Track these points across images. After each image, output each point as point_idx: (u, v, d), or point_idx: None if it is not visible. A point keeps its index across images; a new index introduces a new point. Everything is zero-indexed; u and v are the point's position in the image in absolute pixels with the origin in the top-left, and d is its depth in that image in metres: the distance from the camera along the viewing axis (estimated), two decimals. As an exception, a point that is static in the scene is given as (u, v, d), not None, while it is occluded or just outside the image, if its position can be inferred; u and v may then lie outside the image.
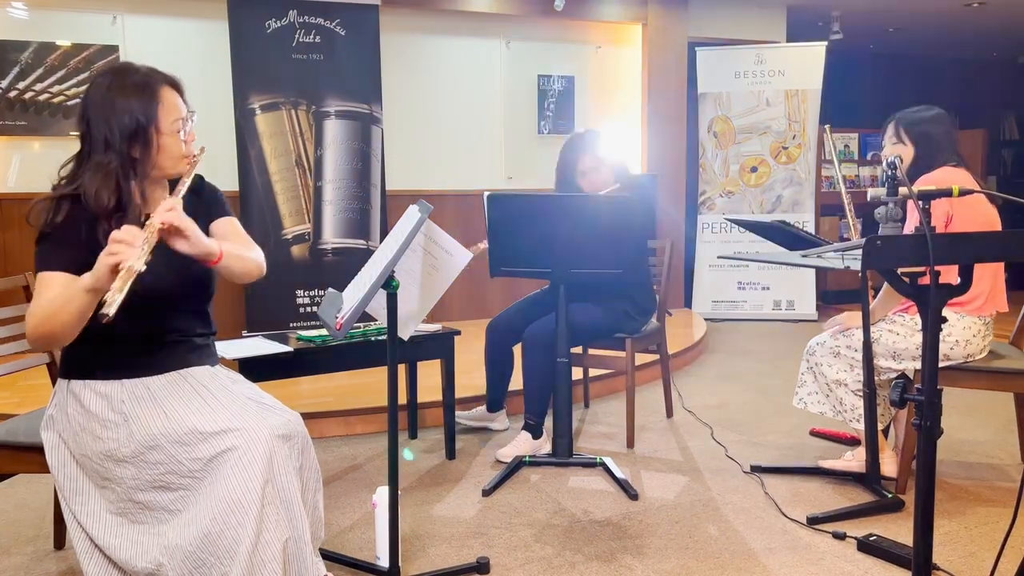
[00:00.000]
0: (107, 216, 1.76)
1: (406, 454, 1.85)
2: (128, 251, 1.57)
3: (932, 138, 2.72)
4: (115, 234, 1.60)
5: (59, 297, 1.67)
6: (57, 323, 1.67)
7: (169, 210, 1.67)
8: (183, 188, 1.81)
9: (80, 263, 1.71)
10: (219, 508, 1.64)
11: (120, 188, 1.76)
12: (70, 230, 1.75)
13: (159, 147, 1.81)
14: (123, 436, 1.73)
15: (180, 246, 1.70)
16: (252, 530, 1.63)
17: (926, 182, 2.64)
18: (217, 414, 1.76)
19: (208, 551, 1.64)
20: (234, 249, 1.85)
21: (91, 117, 1.79)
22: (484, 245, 3.08)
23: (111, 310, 1.51)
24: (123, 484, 1.72)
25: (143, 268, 1.57)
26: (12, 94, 4.73)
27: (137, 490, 1.71)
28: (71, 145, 1.86)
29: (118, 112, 1.76)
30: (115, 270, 1.57)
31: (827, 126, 3.13)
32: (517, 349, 3.29)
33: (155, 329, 1.86)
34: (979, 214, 2.65)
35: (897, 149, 2.76)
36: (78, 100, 4.77)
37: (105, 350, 1.82)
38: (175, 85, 1.87)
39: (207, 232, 1.93)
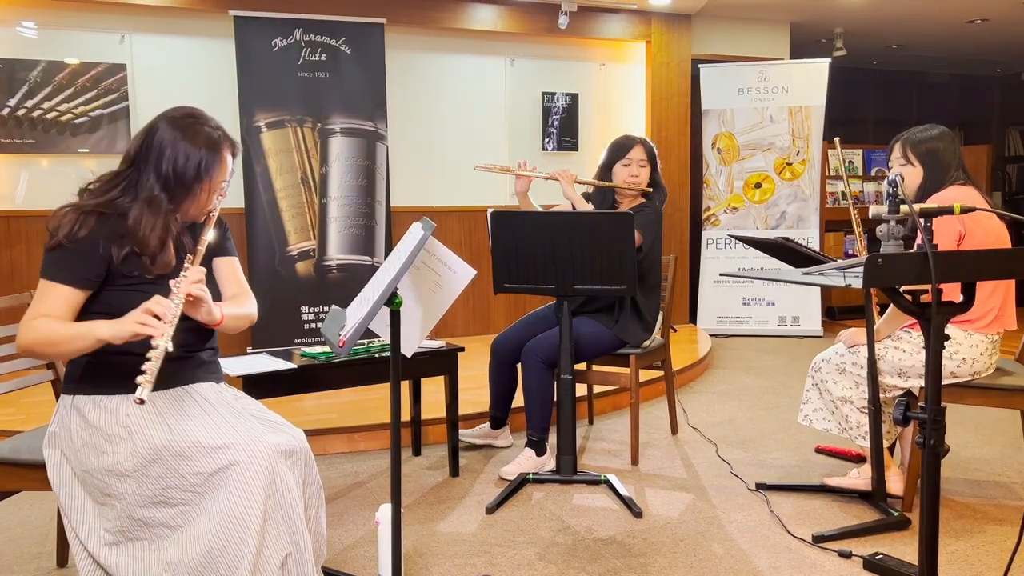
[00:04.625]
0: (150, 254, 1.81)
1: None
2: (160, 328, 1.64)
3: (939, 156, 2.71)
4: (150, 306, 1.66)
5: (66, 330, 1.72)
6: (54, 352, 1.76)
7: (196, 281, 1.75)
8: (203, 247, 1.85)
9: (89, 281, 1.76)
10: (221, 524, 1.65)
11: (167, 230, 1.83)
12: (89, 245, 1.77)
13: (195, 198, 1.86)
14: (126, 450, 1.74)
15: (197, 315, 1.81)
16: (253, 546, 1.64)
17: (936, 201, 2.63)
18: (220, 429, 1.77)
19: (211, 567, 1.64)
20: (232, 310, 1.95)
21: (155, 147, 1.82)
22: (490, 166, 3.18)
23: (144, 395, 1.58)
24: (124, 500, 1.72)
25: (171, 348, 1.64)
26: (20, 112, 4.77)
27: (137, 506, 1.72)
28: (79, 163, 1.90)
29: (186, 154, 1.82)
30: (137, 337, 1.66)
31: (836, 139, 3.12)
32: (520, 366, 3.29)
33: None
34: (990, 232, 2.64)
35: (905, 170, 2.76)
36: (87, 118, 4.83)
37: (111, 365, 1.84)
38: (234, 151, 1.94)
39: (211, 266, 2.01)
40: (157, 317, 1.65)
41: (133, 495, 1.72)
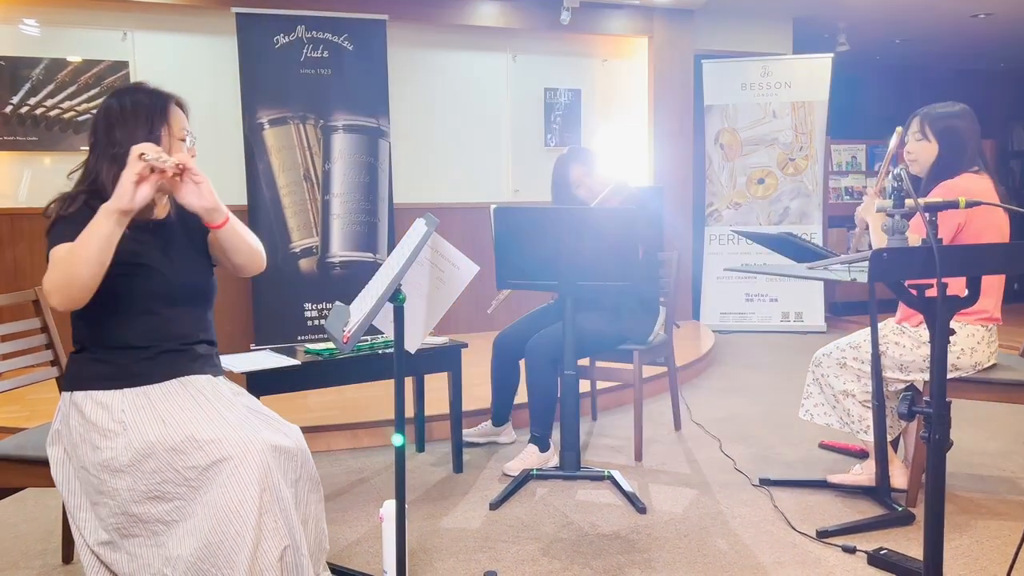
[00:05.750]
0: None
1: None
2: (154, 151, 1.69)
3: (958, 134, 2.64)
4: (138, 147, 1.70)
5: (74, 243, 1.70)
6: (78, 261, 1.68)
7: (191, 157, 1.78)
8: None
9: None
10: (217, 517, 1.65)
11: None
12: (83, 216, 1.78)
13: (169, 150, 1.87)
14: (121, 445, 1.74)
15: (190, 195, 1.79)
16: (251, 539, 1.63)
17: (947, 189, 2.59)
18: (214, 422, 1.76)
19: (209, 561, 1.64)
20: (241, 224, 1.94)
21: (106, 121, 1.87)
22: (504, 296, 3.19)
23: (149, 158, 1.65)
24: (118, 496, 1.72)
25: (172, 165, 1.70)
26: (23, 110, 4.78)
27: (132, 502, 1.71)
28: (81, 160, 1.92)
29: (137, 114, 1.86)
30: (139, 183, 1.67)
31: (899, 128, 2.77)
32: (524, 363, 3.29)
33: (157, 336, 1.88)
34: (991, 224, 2.62)
35: (921, 146, 2.69)
36: (89, 115, 4.84)
37: (107, 359, 1.85)
38: (181, 104, 1.97)
39: (205, 237, 2.00)
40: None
41: (128, 491, 1.71)
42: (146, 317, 1.86)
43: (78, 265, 1.68)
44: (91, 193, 1.84)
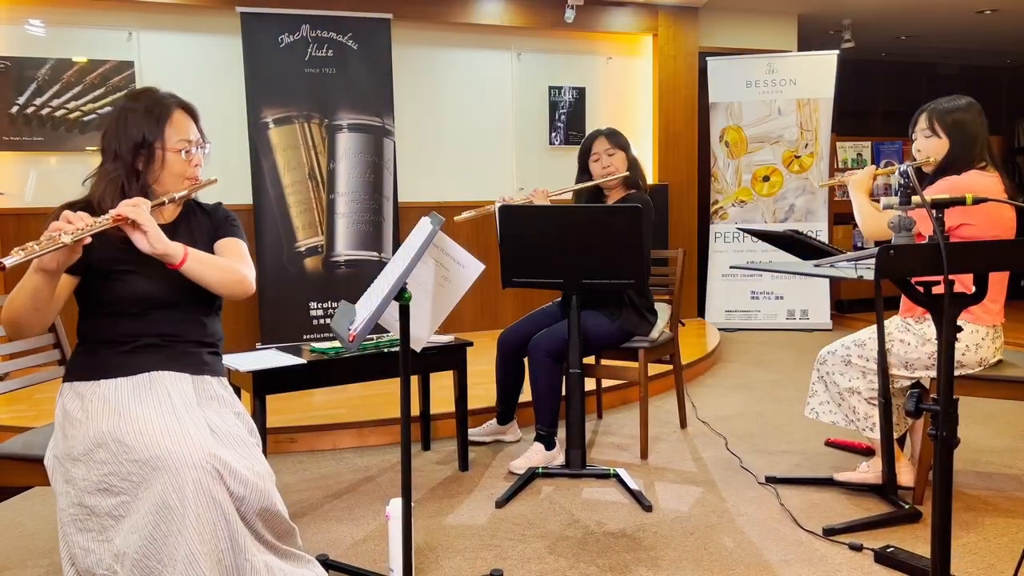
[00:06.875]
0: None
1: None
2: (65, 227, 1.68)
3: (967, 130, 2.62)
4: (65, 214, 1.71)
5: (16, 286, 1.78)
6: (13, 305, 1.77)
7: (133, 206, 1.77)
8: (167, 198, 1.91)
9: (76, 266, 1.81)
10: (160, 514, 1.64)
11: (124, 194, 1.88)
12: None
13: (162, 162, 1.93)
14: (80, 433, 1.77)
15: (139, 242, 1.79)
16: (190, 536, 1.62)
17: (951, 185, 2.57)
18: (165, 421, 1.75)
19: (155, 558, 1.63)
20: (208, 258, 1.90)
21: (107, 131, 1.93)
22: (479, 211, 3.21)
23: (7, 261, 1.60)
24: (76, 485, 1.74)
25: (69, 242, 1.66)
26: (29, 110, 4.79)
27: (86, 492, 1.72)
28: (87, 160, 1.95)
29: (129, 126, 1.91)
30: (53, 241, 1.67)
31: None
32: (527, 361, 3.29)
33: (140, 332, 1.90)
34: (995, 224, 2.60)
35: (931, 142, 2.67)
36: (95, 116, 4.85)
37: (93, 352, 1.90)
38: (189, 111, 1.99)
39: (211, 250, 2.01)
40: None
41: (83, 480, 1.73)
42: (131, 317, 1.90)
43: (16, 309, 1.77)
44: (85, 205, 1.88)
